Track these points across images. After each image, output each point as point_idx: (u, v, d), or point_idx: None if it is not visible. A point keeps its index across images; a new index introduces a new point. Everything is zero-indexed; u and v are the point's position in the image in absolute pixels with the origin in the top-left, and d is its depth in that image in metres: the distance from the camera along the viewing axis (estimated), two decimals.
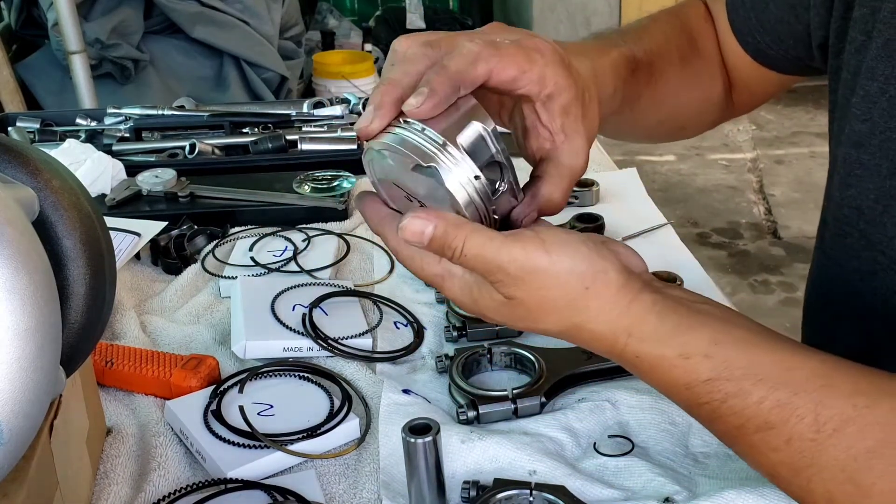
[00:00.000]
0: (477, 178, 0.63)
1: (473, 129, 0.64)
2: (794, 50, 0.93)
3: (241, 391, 0.90)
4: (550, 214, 0.70)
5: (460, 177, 0.63)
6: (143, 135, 1.54)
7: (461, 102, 0.65)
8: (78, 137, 1.50)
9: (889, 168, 0.78)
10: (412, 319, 1.04)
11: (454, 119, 0.64)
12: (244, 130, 1.54)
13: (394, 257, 0.69)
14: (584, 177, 1.29)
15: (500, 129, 0.67)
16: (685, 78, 0.95)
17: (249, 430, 0.84)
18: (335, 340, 0.98)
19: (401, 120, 0.64)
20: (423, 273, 0.67)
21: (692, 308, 0.66)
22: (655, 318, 0.64)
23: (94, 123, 1.59)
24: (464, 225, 0.63)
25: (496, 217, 0.66)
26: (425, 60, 0.66)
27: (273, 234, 1.22)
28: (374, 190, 0.72)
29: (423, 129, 0.63)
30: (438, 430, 0.74)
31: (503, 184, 0.66)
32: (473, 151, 0.64)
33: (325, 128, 1.52)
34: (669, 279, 1.02)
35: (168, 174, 1.33)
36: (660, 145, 4.21)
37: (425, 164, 0.63)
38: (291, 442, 0.84)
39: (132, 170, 1.36)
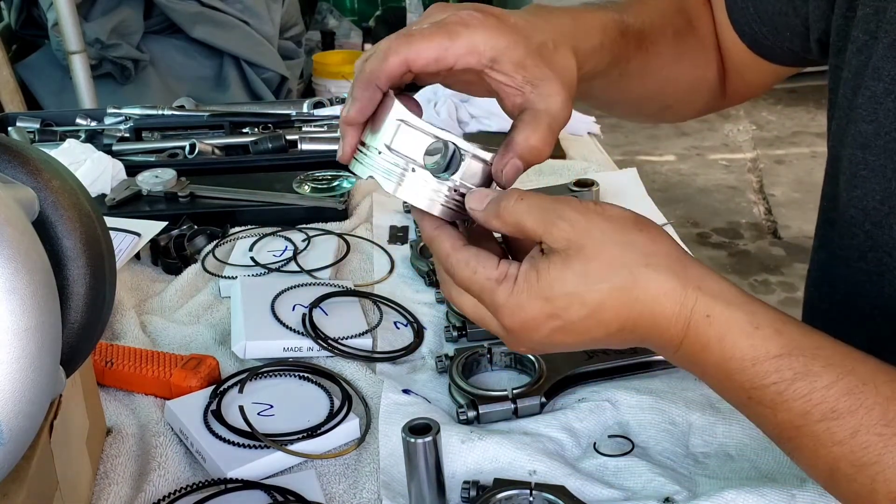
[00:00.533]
0: (413, 169, 0.65)
1: (392, 125, 0.65)
2: (791, 42, 0.93)
3: (241, 391, 0.90)
4: (535, 162, 0.68)
5: (408, 182, 0.66)
6: (143, 135, 1.54)
7: (387, 103, 0.66)
8: (78, 137, 1.51)
9: (894, 169, 0.78)
10: (412, 319, 1.04)
11: (382, 123, 0.66)
12: (244, 130, 1.55)
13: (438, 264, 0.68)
14: (583, 177, 1.29)
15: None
16: (677, 52, 0.94)
17: (249, 430, 0.84)
18: (335, 340, 0.98)
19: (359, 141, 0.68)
20: (473, 276, 0.65)
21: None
22: (720, 278, 0.62)
23: (94, 123, 1.60)
24: (514, 190, 0.64)
25: (459, 197, 0.66)
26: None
27: (273, 234, 1.22)
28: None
29: (370, 148, 0.67)
30: (438, 430, 0.73)
31: (462, 157, 0.66)
32: (407, 146, 0.65)
33: (325, 128, 1.52)
34: None
35: (168, 174, 1.33)
36: (660, 145, 4.21)
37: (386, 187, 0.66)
38: (291, 442, 0.84)
39: (132, 170, 1.36)
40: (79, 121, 1.60)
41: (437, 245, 0.67)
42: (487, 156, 0.67)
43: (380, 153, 0.66)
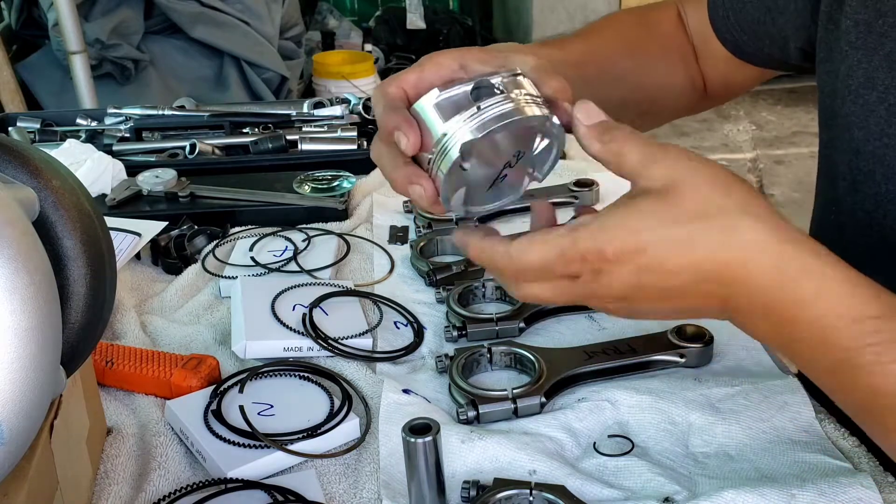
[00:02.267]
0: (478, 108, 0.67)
1: (433, 113, 0.68)
2: (771, 49, 0.96)
3: (241, 391, 0.91)
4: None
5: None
6: (143, 135, 1.54)
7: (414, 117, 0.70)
8: (78, 137, 1.51)
9: (883, 174, 0.79)
10: (412, 319, 1.04)
11: (426, 125, 0.69)
12: (244, 130, 1.55)
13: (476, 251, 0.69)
14: (584, 177, 1.29)
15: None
16: (637, 64, 0.98)
17: (250, 429, 0.84)
18: (335, 340, 0.98)
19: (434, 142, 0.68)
20: (544, 246, 0.64)
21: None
22: (818, 243, 0.61)
23: (94, 123, 1.60)
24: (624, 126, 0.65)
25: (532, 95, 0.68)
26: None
27: (273, 234, 1.23)
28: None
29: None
30: (438, 430, 0.74)
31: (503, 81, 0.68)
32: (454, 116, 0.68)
33: (326, 128, 1.52)
34: None
35: (168, 174, 1.33)
36: None
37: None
38: (292, 442, 0.84)
39: (132, 170, 1.36)
40: (79, 121, 1.60)
41: (490, 255, 0.67)
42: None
43: (445, 141, 0.67)
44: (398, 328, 1.03)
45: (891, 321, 0.58)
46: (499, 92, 0.67)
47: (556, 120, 0.68)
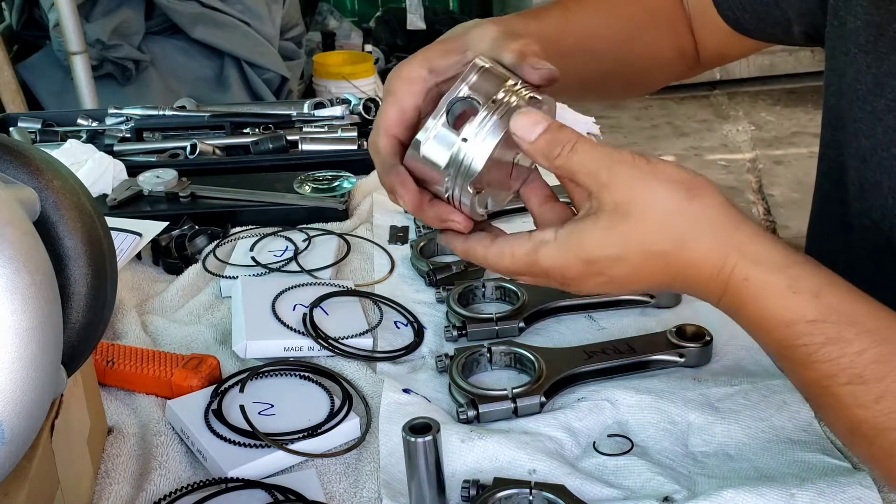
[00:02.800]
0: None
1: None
2: (773, 29, 0.94)
3: (241, 391, 0.91)
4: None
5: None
6: (144, 135, 1.54)
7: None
8: (79, 138, 1.51)
9: (890, 186, 0.78)
10: (412, 319, 1.05)
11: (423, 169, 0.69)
12: (245, 131, 1.55)
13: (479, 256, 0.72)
14: None
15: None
16: (618, 36, 0.96)
17: (250, 429, 0.85)
18: (336, 340, 0.98)
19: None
20: (513, 258, 0.68)
21: (796, 251, 0.65)
22: (769, 242, 0.64)
23: (95, 124, 1.60)
24: (570, 131, 0.66)
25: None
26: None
27: (274, 234, 1.23)
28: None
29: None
30: (438, 430, 0.74)
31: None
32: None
33: (326, 128, 1.52)
34: None
35: (169, 174, 1.33)
36: (659, 145, 4.21)
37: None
38: (292, 441, 0.84)
39: (133, 170, 1.36)
40: (80, 121, 1.60)
41: (473, 255, 0.71)
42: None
43: (452, 185, 0.68)
44: (398, 328, 1.04)
45: (824, 324, 0.62)
46: (477, 104, 0.66)
47: (537, 95, 0.68)
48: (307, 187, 1.33)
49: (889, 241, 0.81)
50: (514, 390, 0.87)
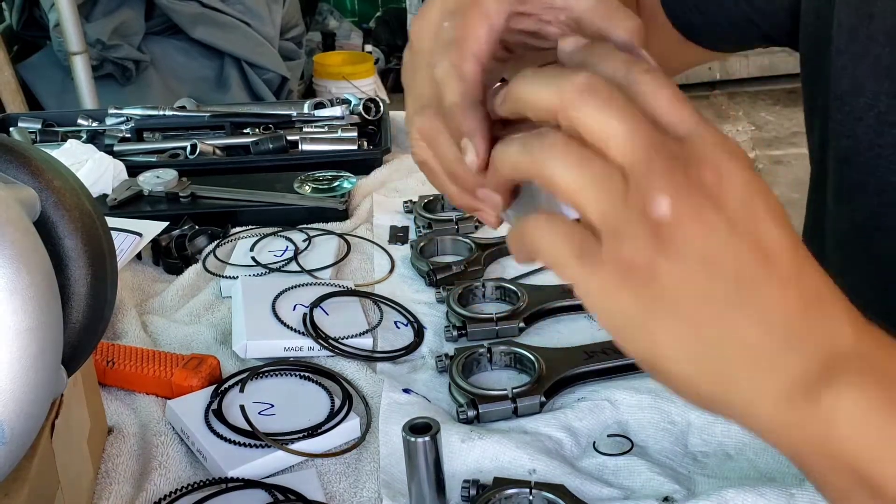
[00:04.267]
0: None
1: None
2: (728, 33, 0.88)
3: (241, 391, 0.91)
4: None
5: None
6: (144, 135, 1.54)
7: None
8: (79, 138, 1.51)
9: (876, 186, 0.77)
10: (412, 319, 1.05)
11: None
12: (245, 131, 1.55)
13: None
14: None
15: None
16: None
17: (250, 429, 0.85)
18: (336, 340, 0.98)
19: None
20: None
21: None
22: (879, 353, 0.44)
23: (95, 124, 1.60)
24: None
25: None
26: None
27: (274, 234, 1.23)
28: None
29: None
30: (438, 430, 0.74)
31: None
32: None
33: (326, 128, 1.52)
34: None
35: (169, 174, 1.33)
36: None
37: None
38: (292, 441, 0.84)
39: (133, 170, 1.36)
40: (80, 121, 1.60)
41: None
42: None
43: None
44: (398, 328, 1.04)
45: None
46: None
47: None
48: (307, 187, 1.33)
49: (869, 249, 0.79)
50: (514, 390, 0.87)
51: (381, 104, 1.56)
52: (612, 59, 0.46)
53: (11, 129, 1.55)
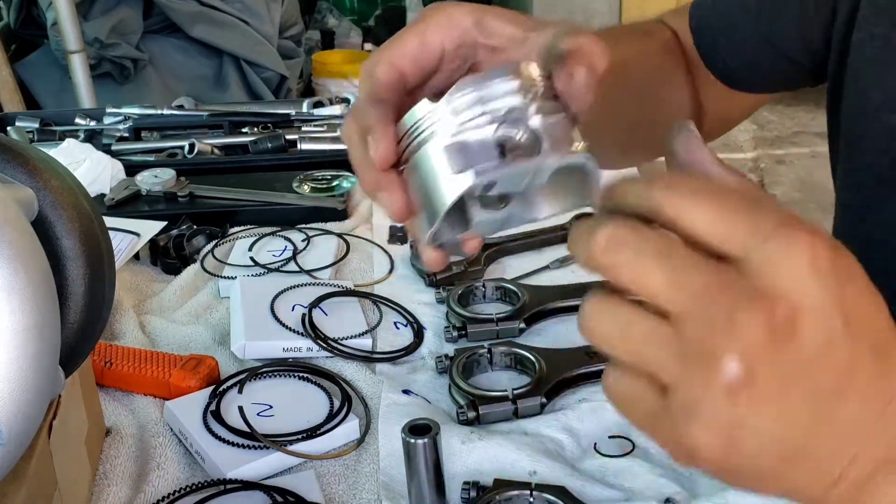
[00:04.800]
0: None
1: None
2: (768, 75, 0.87)
3: (240, 391, 0.90)
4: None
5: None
6: (142, 134, 1.54)
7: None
8: (77, 137, 1.50)
9: None
10: (412, 319, 1.04)
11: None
12: (243, 130, 1.54)
13: None
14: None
15: None
16: (661, 78, 0.87)
17: (249, 430, 0.84)
18: (335, 341, 0.98)
19: None
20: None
21: None
22: None
23: (93, 123, 1.59)
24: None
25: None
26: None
27: (272, 233, 1.22)
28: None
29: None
30: (438, 431, 0.73)
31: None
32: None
33: (325, 127, 1.52)
34: None
35: (167, 174, 1.33)
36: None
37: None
38: (291, 442, 0.83)
39: (131, 169, 1.36)
40: (78, 120, 1.60)
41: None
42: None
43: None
44: (398, 328, 1.03)
45: None
46: (526, 139, 0.50)
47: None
48: (306, 187, 1.33)
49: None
50: (515, 391, 0.87)
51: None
52: (629, 192, 0.42)
53: (9, 128, 1.55)
